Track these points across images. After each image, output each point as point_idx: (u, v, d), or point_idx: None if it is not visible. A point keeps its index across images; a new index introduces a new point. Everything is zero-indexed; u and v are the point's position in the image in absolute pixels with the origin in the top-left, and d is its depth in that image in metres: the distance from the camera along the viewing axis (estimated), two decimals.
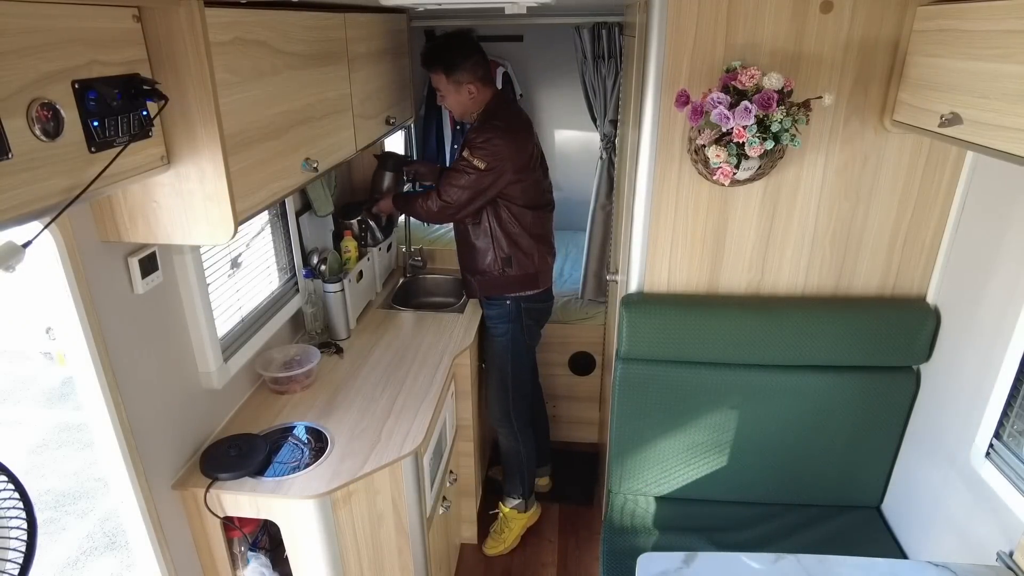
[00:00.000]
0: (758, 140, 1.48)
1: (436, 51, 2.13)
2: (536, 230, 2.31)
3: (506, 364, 2.41)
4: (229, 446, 1.67)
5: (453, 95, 2.16)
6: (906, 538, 1.80)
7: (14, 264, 0.93)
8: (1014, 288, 1.40)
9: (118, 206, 1.24)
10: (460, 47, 2.13)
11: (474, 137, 2.08)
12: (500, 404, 2.46)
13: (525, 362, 2.47)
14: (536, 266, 2.33)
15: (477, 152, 2.06)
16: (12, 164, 0.83)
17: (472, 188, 2.11)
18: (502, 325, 2.37)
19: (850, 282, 1.83)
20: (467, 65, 2.10)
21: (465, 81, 2.12)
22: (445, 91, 2.16)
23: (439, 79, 2.14)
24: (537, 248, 2.31)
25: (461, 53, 2.11)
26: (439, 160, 3.90)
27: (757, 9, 1.56)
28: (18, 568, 0.96)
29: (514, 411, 2.46)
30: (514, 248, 2.27)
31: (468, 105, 2.17)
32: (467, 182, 2.10)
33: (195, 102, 1.13)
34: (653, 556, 1.32)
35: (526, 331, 2.40)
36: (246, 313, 2.00)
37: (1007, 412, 1.42)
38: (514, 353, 2.40)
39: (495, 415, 2.50)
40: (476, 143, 2.06)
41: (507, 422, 2.48)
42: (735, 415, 1.88)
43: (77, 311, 1.24)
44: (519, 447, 2.51)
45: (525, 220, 2.25)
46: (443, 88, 2.15)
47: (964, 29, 1.24)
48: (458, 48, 2.12)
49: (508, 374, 2.42)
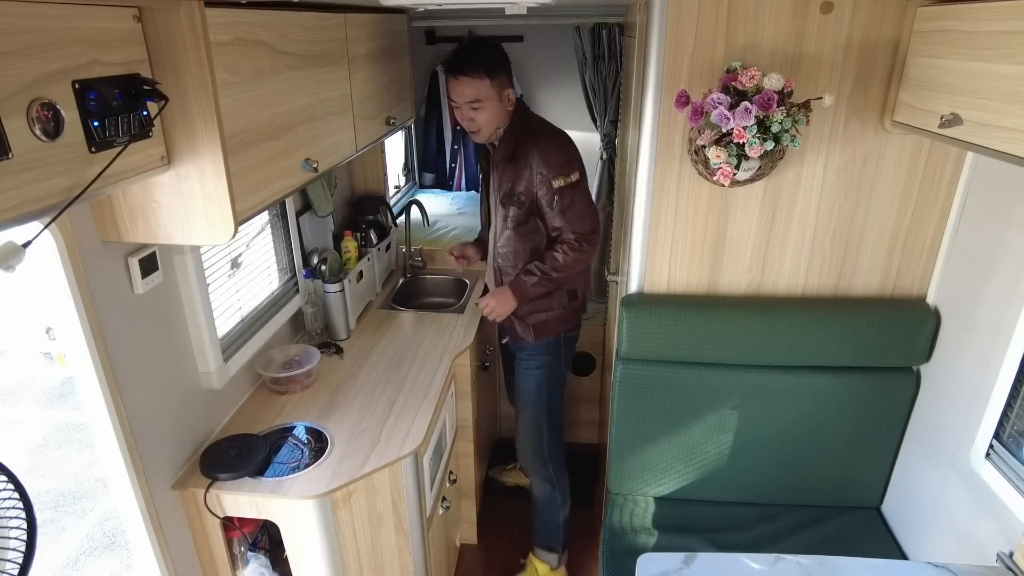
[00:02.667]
0: (758, 141, 1.48)
1: (476, 53, 1.88)
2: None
3: (541, 402, 2.15)
4: (229, 446, 1.67)
5: (495, 104, 1.89)
6: (906, 539, 1.80)
7: (14, 264, 0.93)
8: (1014, 289, 1.40)
9: (118, 206, 1.24)
10: (494, 47, 1.92)
11: (544, 159, 1.87)
12: (534, 448, 2.20)
13: (561, 396, 2.21)
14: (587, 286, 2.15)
15: (563, 171, 1.88)
16: (12, 164, 0.83)
17: (591, 203, 1.95)
18: (538, 358, 2.12)
19: (850, 283, 1.83)
20: (506, 67, 1.91)
21: (506, 85, 1.91)
22: (486, 100, 1.87)
23: (478, 86, 1.85)
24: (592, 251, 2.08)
25: (498, 53, 1.91)
26: (439, 161, 3.91)
27: (757, 9, 1.56)
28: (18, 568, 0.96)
29: (549, 453, 2.20)
30: (580, 273, 2.06)
31: (502, 117, 1.93)
32: (584, 202, 1.93)
33: (195, 102, 1.13)
34: (653, 557, 1.32)
35: (564, 361, 2.17)
36: (246, 313, 2.00)
37: (1007, 413, 1.42)
38: (551, 391, 2.15)
39: (526, 459, 2.24)
40: (555, 163, 1.88)
41: (541, 466, 2.21)
42: (735, 416, 1.87)
43: (77, 311, 1.24)
44: (555, 494, 2.24)
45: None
46: (484, 95, 1.86)
47: (964, 30, 1.24)
48: (493, 49, 1.92)
49: (543, 413, 2.16)
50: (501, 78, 1.88)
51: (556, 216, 1.92)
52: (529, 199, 1.93)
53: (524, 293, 1.98)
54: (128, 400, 1.38)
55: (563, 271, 1.95)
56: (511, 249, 2.01)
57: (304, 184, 1.60)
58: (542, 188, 1.89)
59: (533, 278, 1.96)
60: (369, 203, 2.85)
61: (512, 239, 2.00)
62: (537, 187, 1.89)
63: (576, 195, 1.91)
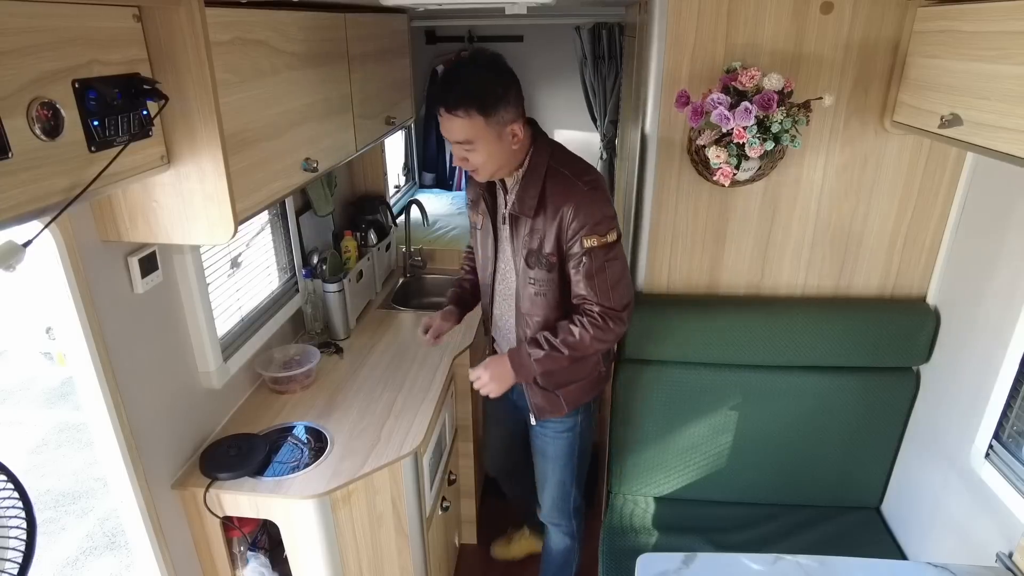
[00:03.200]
0: (758, 141, 1.48)
1: (463, 83, 1.41)
2: None
3: (570, 463, 1.86)
4: (229, 446, 1.67)
5: (492, 144, 1.45)
6: (906, 539, 1.80)
7: (14, 264, 0.93)
8: (1014, 289, 1.40)
9: (118, 206, 1.24)
10: (493, 69, 1.45)
11: (578, 212, 1.47)
12: (560, 505, 1.93)
13: (591, 448, 1.93)
14: None
15: (600, 228, 1.48)
16: (12, 164, 0.83)
17: (627, 271, 1.58)
18: (567, 421, 1.79)
19: (850, 283, 1.83)
20: (510, 97, 1.43)
21: (509, 120, 1.44)
22: (479, 141, 1.44)
23: (467, 126, 1.42)
24: None
25: (497, 79, 1.43)
26: (439, 161, 3.90)
27: (757, 10, 1.56)
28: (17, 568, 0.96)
29: (575, 507, 1.96)
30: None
31: (509, 157, 1.50)
32: (619, 269, 1.54)
33: (195, 102, 1.13)
34: (653, 557, 1.32)
35: (595, 412, 1.86)
36: (246, 313, 2.00)
37: (1007, 413, 1.42)
38: (582, 448, 1.86)
39: (551, 515, 1.97)
40: (592, 217, 1.48)
41: (566, 521, 1.97)
42: (735, 416, 1.88)
43: (77, 311, 1.24)
44: (574, 544, 2.05)
45: None
46: (477, 136, 1.43)
47: (964, 30, 1.24)
48: (491, 72, 1.44)
49: (572, 471, 1.88)
50: (501, 113, 1.42)
51: (581, 281, 1.53)
52: (560, 260, 1.55)
53: (526, 370, 1.60)
54: (128, 400, 1.38)
55: (578, 350, 1.56)
56: (541, 318, 1.63)
57: (304, 184, 1.60)
58: (572, 245, 1.51)
59: (540, 352, 1.56)
60: (369, 203, 2.85)
61: (543, 306, 1.62)
62: (566, 243, 1.52)
63: (610, 259, 1.51)
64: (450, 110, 1.41)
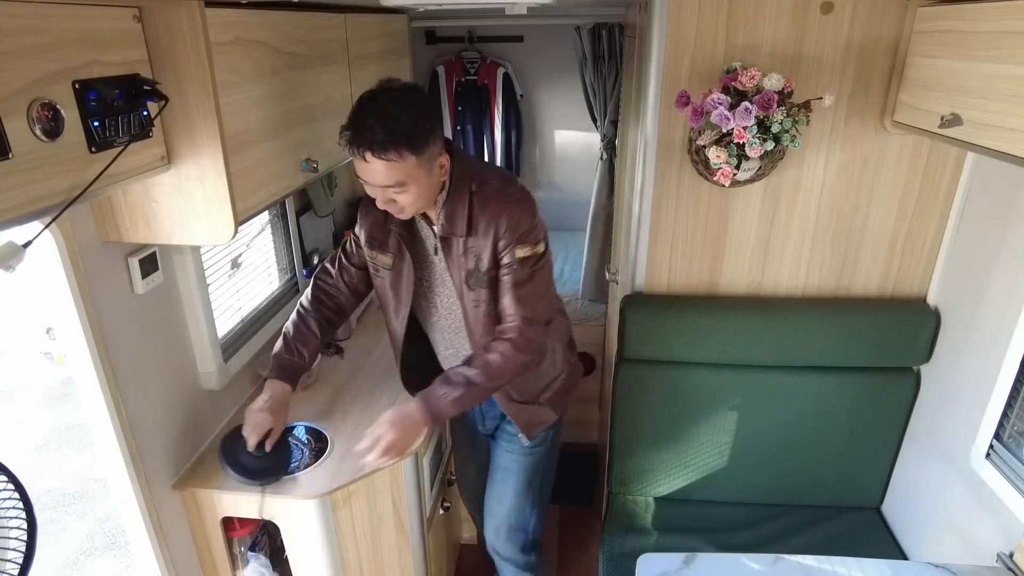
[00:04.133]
0: (758, 141, 1.48)
1: (389, 122, 1.22)
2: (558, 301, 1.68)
3: (533, 483, 1.73)
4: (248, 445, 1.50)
5: (423, 181, 1.31)
6: (906, 539, 1.80)
7: (14, 264, 0.93)
8: (1014, 289, 1.40)
9: (118, 206, 1.24)
10: (416, 102, 1.29)
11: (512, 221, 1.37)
12: (513, 536, 1.76)
13: (554, 474, 1.82)
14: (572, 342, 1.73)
15: (531, 237, 1.39)
16: (12, 164, 0.83)
17: (552, 285, 1.52)
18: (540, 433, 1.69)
19: (850, 283, 1.83)
20: (436, 128, 1.31)
21: (437, 154, 1.33)
22: (412, 181, 1.29)
23: (403, 168, 1.26)
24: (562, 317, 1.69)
25: (424, 112, 1.29)
26: None
27: (757, 10, 1.56)
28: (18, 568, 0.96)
29: (534, 542, 1.79)
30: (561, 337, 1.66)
31: (436, 189, 1.38)
32: (545, 281, 1.47)
33: (195, 102, 1.13)
34: (653, 557, 1.32)
35: (561, 428, 1.77)
36: (246, 313, 2.00)
37: (1007, 413, 1.42)
38: (547, 470, 1.75)
39: (500, 546, 1.79)
40: (523, 226, 1.38)
41: (520, 554, 1.78)
42: (735, 416, 1.87)
43: (77, 311, 1.24)
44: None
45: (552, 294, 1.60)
46: (409, 177, 1.28)
47: (964, 30, 1.24)
48: (416, 106, 1.28)
49: (534, 495, 1.74)
50: (431, 148, 1.28)
51: (507, 292, 1.40)
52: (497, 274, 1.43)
53: (441, 415, 1.43)
54: (128, 400, 1.38)
55: (499, 379, 1.42)
56: None
57: (304, 184, 1.60)
58: (503, 256, 1.40)
59: (456, 391, 1.40)
60: None
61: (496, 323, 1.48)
62: (500, 255, 1.40)
63: (538, 269, 1.42)
64: (379, 154, 1.23)
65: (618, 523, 1.92)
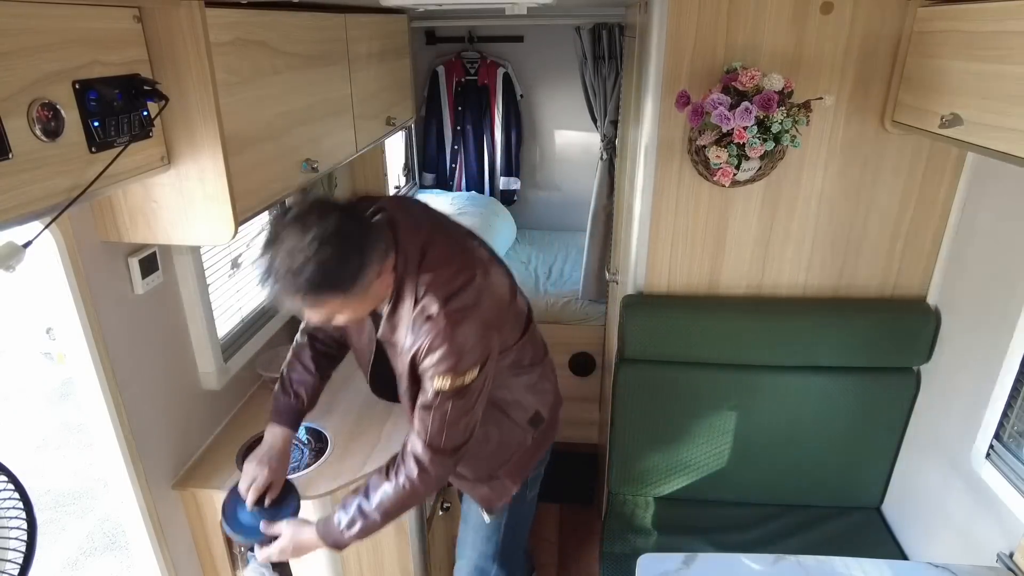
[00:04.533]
0: (758, 141, 1.48)
1: (308, 271, 1.03)
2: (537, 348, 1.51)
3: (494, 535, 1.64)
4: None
5: (360, 304, 1.17)
6: (906, 539, 1.80)
7: (14, 264, 0.93)
8: (1014, 289, 1.40)
9: (118, 206, 1.24)
10: (337, 238, 1.05)
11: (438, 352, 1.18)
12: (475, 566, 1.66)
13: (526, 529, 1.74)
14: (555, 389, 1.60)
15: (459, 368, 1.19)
16: (13, 164, 0.83)
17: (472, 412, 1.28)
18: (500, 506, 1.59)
19: (850, 283, 1.82)
20: (372, 255, 1.12)
21: (375, 276, 1.14)
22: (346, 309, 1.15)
23: (330, 307, 1.13)
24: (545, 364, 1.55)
25: (351, 248, 1.08)
26: (439, 161, 3.91)
27: (757, 10, 1.56)
28: (18, 568, 0.96)
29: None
30: (535, 392, 1.51)
31: (381, 300, 1.23)
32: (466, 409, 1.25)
33: (195, 102, 1.13)
34: (653, 557, 1.32)
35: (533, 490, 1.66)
36: (246, 314, 2.00)
37: (1007, 413, 1.42)
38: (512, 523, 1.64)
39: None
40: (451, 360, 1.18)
41: None
42: (735, 416, 1.87)
43: (77, 311, 1.24)
44: None
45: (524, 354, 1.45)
46: (343, 309, 1.15)
47: (964, 30, 1.24)
48: (339, 242, 1.05)
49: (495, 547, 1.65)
50: (366, 278, 1.11)
51: (418, 410, 1.25)
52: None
53: (341, 543, 1.34)
54: (128, 400, 1.38)
55: (392, 516, 1.31)
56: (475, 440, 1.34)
57: (304, 184, 1.60)
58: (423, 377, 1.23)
59: (354, 524, 1.30)
60: None
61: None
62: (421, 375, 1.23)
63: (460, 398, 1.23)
64: (301, 304, 1.09)
65: (618, 523, 1.92)
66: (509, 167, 3.84)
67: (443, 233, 1.30)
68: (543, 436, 1.57)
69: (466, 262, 1.26)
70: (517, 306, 1.40)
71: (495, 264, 1.36)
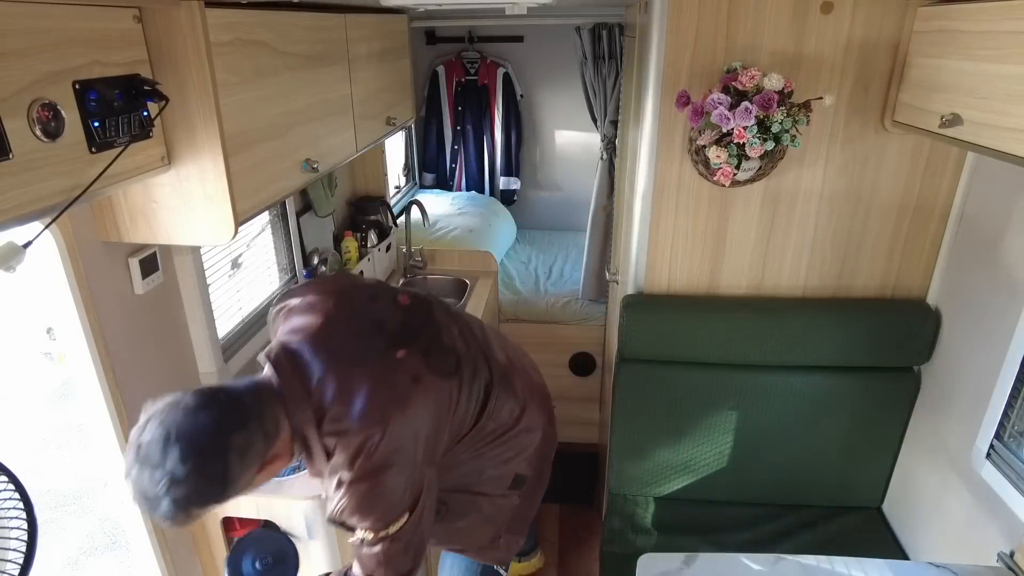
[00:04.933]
0: (759, 141, 1.48)
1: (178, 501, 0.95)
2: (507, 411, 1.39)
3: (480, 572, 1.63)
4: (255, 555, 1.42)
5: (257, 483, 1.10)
6: (907, 539, 1.80)
7: (14, 264, 0.93)
8: (1014, 289, 1.40)
9: (118, 206, 1.24)
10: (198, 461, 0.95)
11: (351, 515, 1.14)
12: None
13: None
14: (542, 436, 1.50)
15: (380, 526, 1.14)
16: (13, 164, 0.83)
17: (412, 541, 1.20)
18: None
19: (851, 283, 1.82)
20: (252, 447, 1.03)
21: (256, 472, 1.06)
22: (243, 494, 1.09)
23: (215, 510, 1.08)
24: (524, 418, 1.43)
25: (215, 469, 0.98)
26: (439, 161, 3.91)
27: (757, 10, 1.56)
28: (18, 568, 0.96)
29: None
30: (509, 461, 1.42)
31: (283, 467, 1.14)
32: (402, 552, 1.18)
33: (196, 102, 1.13)
34: (653, 557, 1.32)
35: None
36: (247, 314, 2.00)
37: (1008, 413, 1.42)
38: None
39: None
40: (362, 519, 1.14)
41: None
42: (735, 416, 1.87)
43: (77, 311, 1.24)
44: None
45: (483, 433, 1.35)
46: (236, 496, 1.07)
47: (964, 30, 1.24)
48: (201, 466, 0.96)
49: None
50: (243, 479, 1.03)
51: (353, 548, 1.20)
52: None
53: None
54: (128, 400, 1.38)
55: None
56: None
57: (304, 184, 1.60)
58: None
59: None
60: (369, 203, 2.85)
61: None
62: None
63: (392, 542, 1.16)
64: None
65: (618, 523, 1.92)
66: (509, 167, 3.84)
67: (347, 366, 1.13)
68: (534, 485, 1.50)
69: (378, 400, 1.11)
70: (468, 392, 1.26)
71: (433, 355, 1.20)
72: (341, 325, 1.18)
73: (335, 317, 1.19)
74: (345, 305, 1.22)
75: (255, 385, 1.10)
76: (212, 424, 0.99)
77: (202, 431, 0.98)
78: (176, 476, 0.93)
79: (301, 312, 1.21)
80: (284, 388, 1.10)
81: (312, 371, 1.11)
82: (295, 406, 1.09)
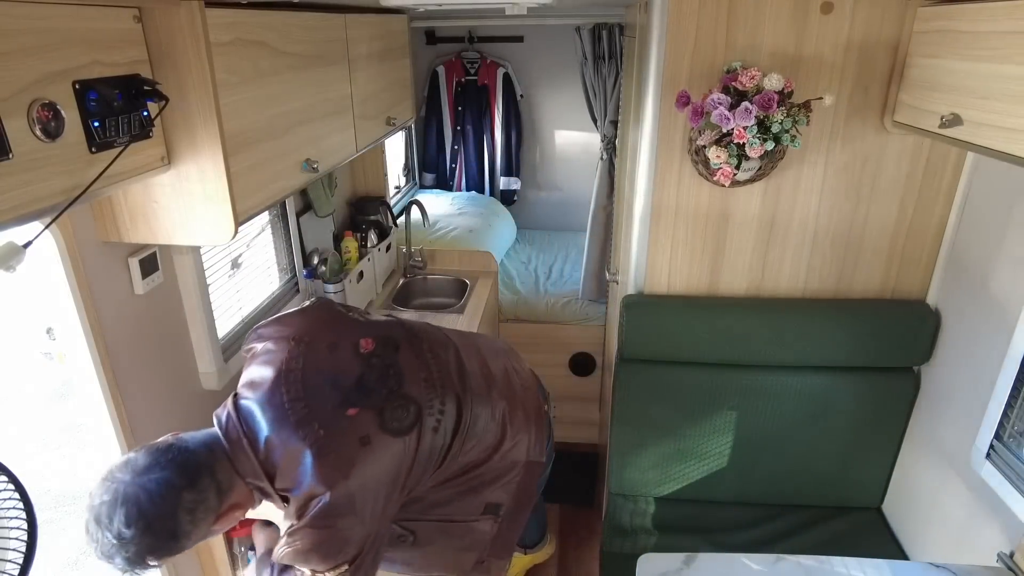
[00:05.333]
0: (758, 141, 1.48)
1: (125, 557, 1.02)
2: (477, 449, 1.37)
3: None
4: None
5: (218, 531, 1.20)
6: (907, 539, 1.80)
7: (15, 264, 0.93)
8: (1014, 289, 1.40)
9: (118, 206, 1.24)
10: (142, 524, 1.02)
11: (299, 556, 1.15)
12: None
13: None
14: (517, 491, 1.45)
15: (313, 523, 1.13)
16: (13, 164, 0.83)
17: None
18: None
19: (850, 283, 1.82)
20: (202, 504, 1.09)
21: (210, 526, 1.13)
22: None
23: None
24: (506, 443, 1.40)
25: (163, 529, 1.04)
26: (439, 161, 3.91)
27: (757, 10, 1.56)
28: (18, 568, 0.96)
29: None
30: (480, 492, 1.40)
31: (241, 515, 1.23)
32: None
33: (196, 102, 1.13)
34: (653, 557, 1.32)
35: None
36: (247, 313, 2.00)
37: (1007, 413, 1.42)
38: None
39: None
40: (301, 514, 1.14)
41: None
42: (735, 416, 1.87)
43: (77, 311, 1.24)
44: None
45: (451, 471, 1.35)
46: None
47: (964, 30, 1.24)
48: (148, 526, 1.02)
49: None
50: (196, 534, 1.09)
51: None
52: None
53: None
54: (128, 400, 1.38)
55: None
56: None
57: (304, 184, 1.60)
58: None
59: None
60: (369, 203, 2.86)
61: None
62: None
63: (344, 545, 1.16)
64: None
65: (618, 523, 1.92)
66: (509, 167, 3.85)
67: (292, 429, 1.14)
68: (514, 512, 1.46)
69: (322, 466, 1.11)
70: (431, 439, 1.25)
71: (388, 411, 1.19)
72: (295, 381, 1.19)
73: (288, 371, 1.20)
74: (301, 356, 1.24)
75: (210, 439, 1.15)
76: (160, 485, 1.04)
77: (148, 493, 1.02)
78: (123, 537, 1.00)
79: (260, 362, 1.24)
80: (232, 452, 1.15)
81: (259, 434, 1.15)
82: (244, 467, 1.15)
